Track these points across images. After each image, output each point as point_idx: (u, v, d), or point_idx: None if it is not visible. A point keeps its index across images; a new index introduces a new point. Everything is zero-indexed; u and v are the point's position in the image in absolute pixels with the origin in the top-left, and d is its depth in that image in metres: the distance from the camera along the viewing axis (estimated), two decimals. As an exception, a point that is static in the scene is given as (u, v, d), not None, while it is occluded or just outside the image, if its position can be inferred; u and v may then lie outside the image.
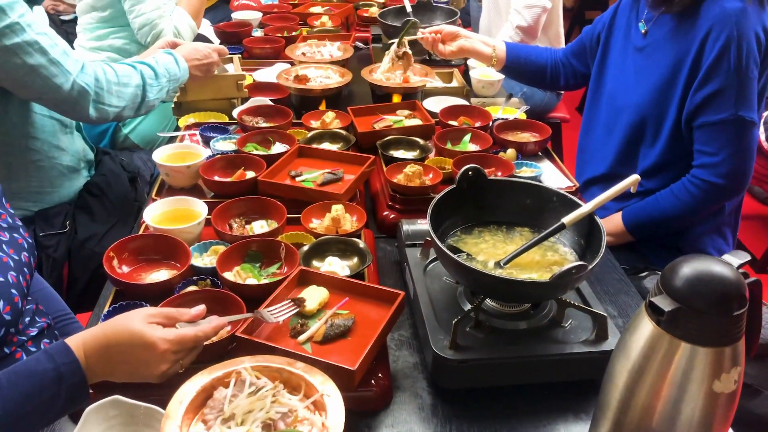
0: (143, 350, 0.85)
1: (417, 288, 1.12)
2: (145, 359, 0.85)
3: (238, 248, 1.16)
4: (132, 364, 0.86)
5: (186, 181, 1.43)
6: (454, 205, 1.14)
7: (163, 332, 0.86)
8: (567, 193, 1.13)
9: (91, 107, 1.47)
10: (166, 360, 0.86)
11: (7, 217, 1.11)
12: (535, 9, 2.57)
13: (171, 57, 1.67)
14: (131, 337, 0.85)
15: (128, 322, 0.86)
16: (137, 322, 0.86)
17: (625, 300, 1.24)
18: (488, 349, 0.99)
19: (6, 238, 1.06)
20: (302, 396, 0.81)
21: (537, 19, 2.59)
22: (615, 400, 0.82)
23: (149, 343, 0.84)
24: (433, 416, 0.97)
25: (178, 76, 1.67)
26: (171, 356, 0.86)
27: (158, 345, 0.85)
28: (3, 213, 1.10)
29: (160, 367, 0.86)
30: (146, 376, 0.87)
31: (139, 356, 0.85)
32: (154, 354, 0.85)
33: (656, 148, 1.60)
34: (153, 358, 0.85)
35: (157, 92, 1.61)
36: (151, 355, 0.85)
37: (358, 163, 1.46)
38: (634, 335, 0.79)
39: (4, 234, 1.07)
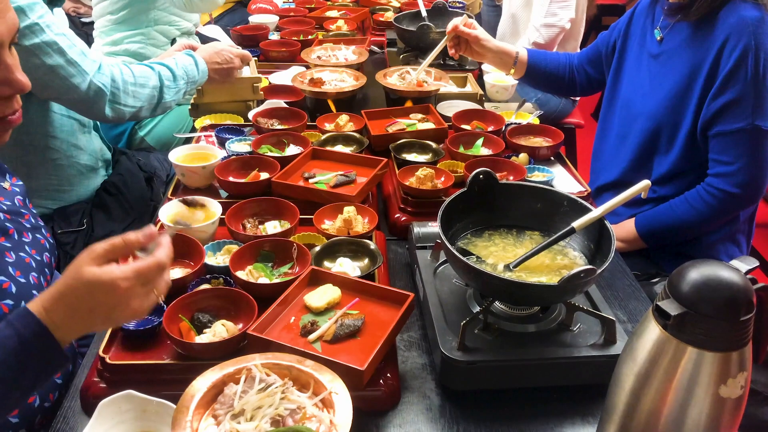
0: (105, 295, 0.80)
1: (427, 290, 1.13)
2: (112, 303, 0.80)
3: (251, 248, 1.18)
4: (101, 311, 0.81)
5: (201, 182, 1.45)
6: (465, 208, 1.15)
7: (120, 270, 0.81)
8: (577, 198, 1.14)
9: (107, 107, 1.50)
10: (134, 295, 0.81)
11: (30, 217, 1.13)
12: (553, 29, 2.58)
13: (191, 59, 1.69)
14: (88, 285, 0.79)
15: (78, 271, 0.80)
16: (87, 269, 0.80)
17: (635, 305, 1.24)
18: (496, 351, 1.00)
19: (29, 239, 1.09)
20: (311, 393, 0.82)
21: (554, 38, 2.61)
22: (621, 403, 0.82)
23: (108, 286, 0.79)
24: (441, 417, 0.98)
25: (196, 78, 1.69)
26: (138, 290, 0.82)
27: (118, 285, 0.80)
28: (27, 213, 1.12)
29: (131, 305, 0.81)
30: (122, 317, 0.83)
31: (103, 301, 0.80)
32: (118, 295, 0.80)
33: (671, 156, 1.59)
34: (119, 300, 0.80)
35: (174, 94, 1.64)
36: (115, 297, 0.80)
37: (370, 165, 1.47)
38: (641, 339, 0.79)
39: (27, 235, 1.09)
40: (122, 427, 0.90)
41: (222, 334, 0.99)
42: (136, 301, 0.82)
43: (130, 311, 0.82)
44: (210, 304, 1.05)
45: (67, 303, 0.80)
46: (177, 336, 0.97)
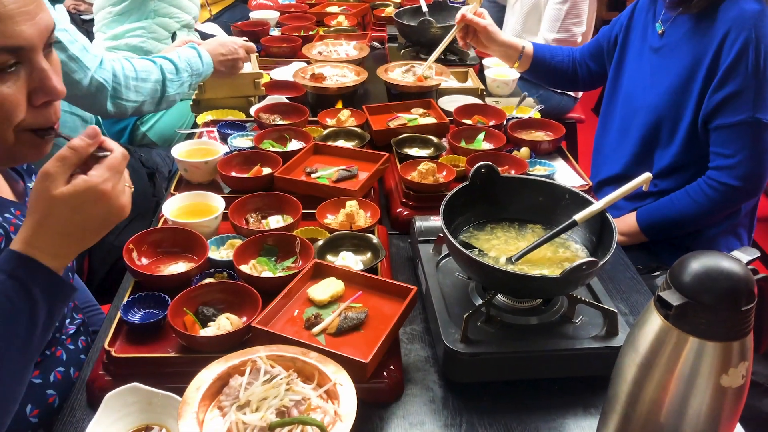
0: (94, 204, 0.77)
1: (429, 283, 1.13)
2: (104, 210, 0.78)
3: (254, 242, 1.18)
4: (94, 222, 0.79)
5: (204, 177, 1.46)
6: (467, 201, 1.16)
7: (97, 175, 0.78)
8: (579, 191, 1.14)
9: (108, 102, 1.50)
10: (119, 192, 0.80)
11: None
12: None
13: (194, 51, 1.69)
14: (70, 204, 0.76)
15: (48, 197, 0.76)
16: (58, 192, 0.76)
17: (636, 298, 1.24)
18: (499, 343, 1.01)
19: None
20: (315, 385, 0.83)
21: None
22: (623, 393, 0.83)
23: (94, 195, 0.77)
24: (444, 408, 0.99)
25: (201, 70, 1.69)
26: (120, 186, 0.80)
27: (104, 189, 0.77)
28: None
29: (121, 203, 0.80)
30: (116, 219, 0.81)
31: (95, 212, 0.78)
32: (107, 198, 0.78)
33: (672, 150, 1.60)
34: (110, 203, 0.78)
35: (177, 87, 1.64)
36: (105, 202, 0.78)
37: (372, 160, 1.47)
38: (643, 330, 0.80)
39: None
40: (128, 420, 0.91)
41: (226, 327, 0.99)
42: (123, 198, 0.80)
43: (120, 207, 0.80)
44: (214, 297, 1.06)
45: (53, 230, 0.77)
46: (182, 329, 0.98)
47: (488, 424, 0.96)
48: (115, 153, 0.81)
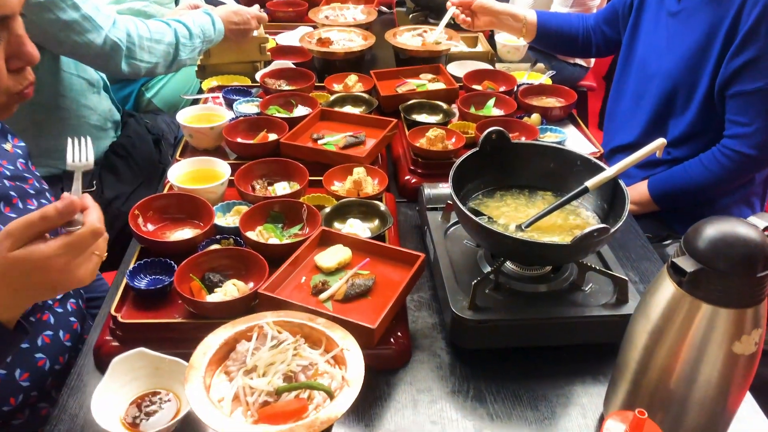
0: (41, 274, 0.75)
1: (437, 251, 1.12)
2: (51, 280, 0.76)
3: (260, 209, 1.17)
4: (43, 287, 0.77)
5: (209, 143, 1.44)
6: (477, 168, 1.14)
7: (49, 247, 0.75)
8: (591, 157, 1.12)
9: (123, 62, 1.50)
10: (75, 267, 0.76)
11: (34, 181, 1.10)
12: None
13: (208, 18, 1.67)
14: (19, 268, 0.74)
15: (8, 255, 0.73)
16: (9, 255, 0.73)
17: (647, 266, 1.23)
18: (507, 310, 1.00)
19: (34, 206, 1.07)
20: (323, 350, 0.83)
21: None
22: (633, 361, 0.82)
23: (40, 265, 0.74)
24: (451, 375, 0.99)
25: (212, 37, 1.68)
26: (79, 260, 0.76)
27: (52, 263, 0.74)
28: (30, 177, 1.10)
29: (76, 275, 0.77)
30: (70, 286, 0.78)
31: (41, 280, 0.76)
32: (56, 271, 0.75)
33: (686, 117, 1.57)
34: (59, 275, 0.75)
35: (189, 52, 1.63)
36: (53, 274, 0.75)
37: (380, 126, 1.45)
38: (655, 297, 0.78)
39: (32, 201, 1.07)
40: (135, 384, 0.91)
41: (233, 293, 0.99)
42: (79, 271, 0.77)
43: (76, 280, 0.77)
44: (220, 264, 1.05)
45: (2, 286, 0.75)
46: (188, 295, 0.97)
47: (495, 391, 0.96)
48: (82, 230, 0.77)
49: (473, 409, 0.93)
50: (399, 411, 0.93)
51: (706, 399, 0.78)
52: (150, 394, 0.91)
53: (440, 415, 0.92)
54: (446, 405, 0.94)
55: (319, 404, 0.76)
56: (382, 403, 0.94)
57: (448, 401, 0.94)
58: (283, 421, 0.73)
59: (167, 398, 0.90)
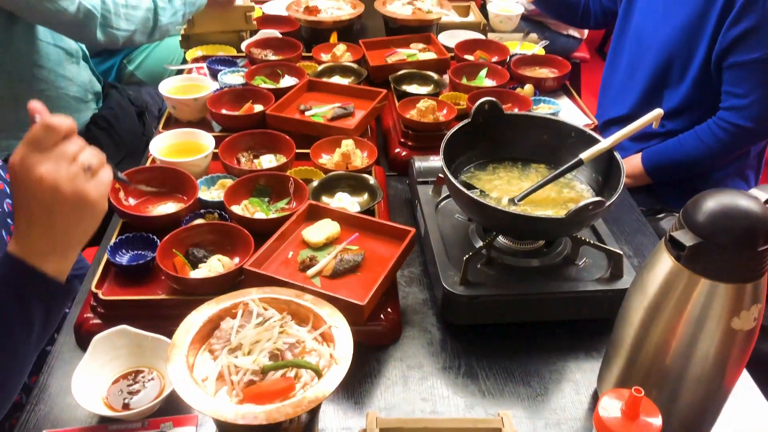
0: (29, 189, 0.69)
1: (428, 225, 1.09)
2: (46, 196, 0.69)
3: (246, 182, 1.14)
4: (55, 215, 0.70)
5: (193, 114, 1.40)
6: (469, 140, 1.11)
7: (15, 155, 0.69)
8: (585, 129, 1.09)
9: (98, 31, 1.44)
10: (60, 179, 0.69)
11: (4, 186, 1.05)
12: None
13: None
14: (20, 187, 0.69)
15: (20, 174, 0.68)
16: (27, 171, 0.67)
17: (641, 240, 1.21)
18: (499, 285, 0.98)
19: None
20: (310, 327, 0.80)
21: None
22: (629, 337, 0.80)
23: (21, 177, 0.68)
24: (442, 351, 0.97)
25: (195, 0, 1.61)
26: (59, 166, 0.69)
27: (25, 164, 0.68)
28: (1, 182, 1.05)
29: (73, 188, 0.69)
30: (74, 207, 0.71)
31: (39, 200, 0.69)
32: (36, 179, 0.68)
33: (682, 89, 1.54)
34: (48, 187, 0.68)
35: (170, 16, 1.56)
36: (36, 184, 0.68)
37: (369, 97, 1.41)
38: (652, 271, 0.76)
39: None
40: (117, 363, 0.88)
41: (218, 269, 0.96)
42: (60, 180, 0.68)
43: (70, 197, 0.69)
44: (205, 239, 1.02)
45: (29, 222, 0.70)
46: (171, 271, 0.94)
47: (487, 367, 0.94)
48: (34, 126, 0.71)
49: (464, 385, 0.92)
50: (389, 388, 0.91)
51: (702, 375, 0.76)
52: (133, 373, 0.88)
53: (431, 391, 0.90)
54: (437, 381, 0.92)
55: (306, 383, 0.74)
56: (371, 380, 0.92)
57: (439, 378, 0.93)
58: (269, 401, 0.71)
59: (150, 377, 0.88)
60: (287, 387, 0.72)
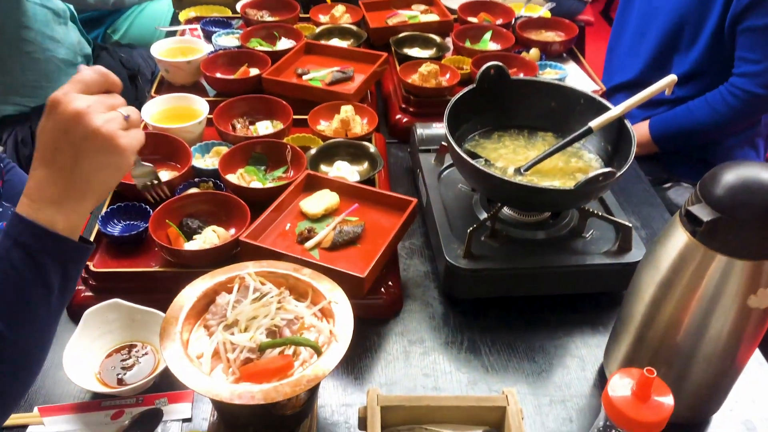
0: (60, 123, 0.65)
1: (430, 195, 1.06)
2: (75, 130, 0.65)
3: (241, 149, 1.10)
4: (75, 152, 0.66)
5: (186, 78, 1.35)
6: (473, 106, 1.06)
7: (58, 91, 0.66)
8: (595, 96, 1.05)
9: None
10: (91, 111, 0.66)
11: None
12: None
13: None
14: (44, 134, 0.66)
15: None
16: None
17: (648, 211, 1.18)
18: (504, 259, 0.95)
19: None
20: (309, 303, 0.77)
21: None
22: (639, 313, 0.77)
23: (57, 113, 0.65)
24: (444, 325, 0.94)
25: None
26: (94, 106, 0.66)
27: (60, 100, 0.65)
28: None
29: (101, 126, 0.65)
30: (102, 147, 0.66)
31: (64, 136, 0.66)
32: (70, 113, 0.65)
33: (692, 54, 1.49)
34: (78, 121, 0.65)
35: None
36: (69, 119, 0.65)
37: (369, 61, 1.36)
38: (665, 247, 0.73)
39: None
40: (110, 337, 0.86)
41: (213, 240, 0.93)
42: (97, 118, 0.65)
43: (101, 137, 0.66)
44: (199, 209, 0.98)
45: (42, 173, 0.66)
46: (165, 243, 0.91)
47: (491, 342, 0.92)
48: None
49: (467, 360, 0.89)
50: (390, 363, 0.89)
51: (714, 354, 0.74)
52: (126, 347, 0.86)
53: (433, 367, 0.88)
54: (439, 357, 0.90)
55: (305, 360, 0.71)
56: (372, 355, 0.90)
57: (441, 353, 0.90)
58: (266, 380, 0.68)
59: (144, 351, 0.86)
60: (285, 365, 0.69)
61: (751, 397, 0.86)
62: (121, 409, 0.80)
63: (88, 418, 0.79)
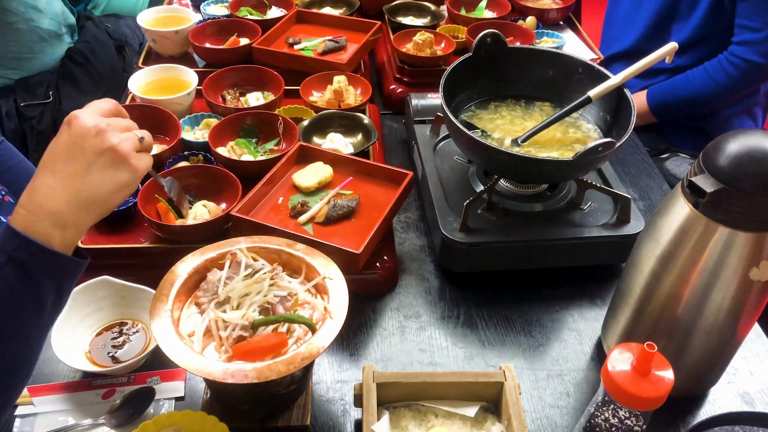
0: (72, 138, 0.65)
1: (426, 167, 1.04)
2: (85, 144, 0.65)
3: (231, 122, 1.07)
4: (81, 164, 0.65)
5: (175, 48, 1.31)
6: (470, 76, 1.04)
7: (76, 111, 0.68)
8: (594, 64, 1.02)
9: None
10: (108, 130, 0.66)
11: None
12: None
13: None
14: (54, 148, 0.66)
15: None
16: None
17: (646, 182, 1.16)
18: (500, 232, 0.93)
19: None
20: (303, 279, 0.76)
21: None
22: (638, 286, 0.76)
23: (71, 128, 0.66)
24: (441, 300, 0.93)
25: None
26: (110, 126, 0.67)
27: (77, 117, 0.66)
28: None
29: (113, 143, 0.66)
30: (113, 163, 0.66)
31: (72, 149, 0.65)
32: (84, 130, 0.65)
33: (691, 22, 1.46)
34: (89, 135, 0.65)
35: None
36: (83, 134, 0.65)
37: (362, 30, 1.33)
38: (666, 218, 0.72)
39: None
40: (99, 315, 0.84)
41: (203, 215, 0.90)
42: (114, 137, 0.66)
43: (116, 154, 0.66)
44: (189, 183, 0.96)
45: (47, 182, 0.65)
46: (154, 218, 0.89)
47: (487, 316, 0.91)
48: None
49: (464, 335, 0.88)
50: (386, 338, 0.88)
51: (714, 326, 0.73)
52: (117, 325, 0.84)
53: (429, 342, 0.87)
54: (435, 332, 0.89)
55: (299, 338, 0.70)
56: (367, 330, 0.89)
57: (437, 327, 0.89)
58: (260, 358, 0.67)
59: (135, 329, 0.84)
60: (279, 342, 0.68)
61: (749, 369, 0.85)
62: (112, 388, 0.79)
63: (79, 397, 0.78)
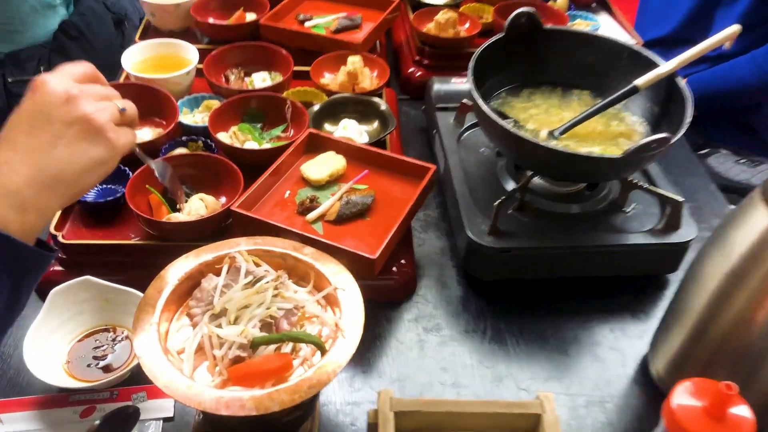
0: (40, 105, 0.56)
1: (449, 160, 0.93)
2: (54, 113, 0.56)
3: (235, 104, 0.97)
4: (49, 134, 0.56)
5: (175, 23, 1.22)
6: (501, 59, 0.93)
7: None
8: (643, 49, 0.91)
9: None
10: (82, 96, 0.57)
11: None
12: None
13: None
14: (20, 115, 0.57)
15: None
16: None
17: (691, 182, 1.05)
18: (535, 236, 0.83)
19: None
20: (311, 288, 0.66)
21: None
22: (699, 305, 0.66)
23: (37, 93, 0.56)
24: (464, 311, 0.83)
25: None
26: (84, 92, 0.58)
27: (44, 82, 0.56)
28: None
29: (86, 111, 0.56)
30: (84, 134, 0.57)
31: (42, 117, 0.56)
32: (54, 96, 0.56)
33: (738, 7, 1.35)
34: (59, 103, 0.56)
35: None
36: (52, 101, 0.56)
37: (379, 7, 1.24)
38: (739, 229, 0.61)
39: None
40: (80, 320, 0.75)
41: (200, 210, 0.81)
42: (88, 105, 0.57)
43: (89, 124, 0.57)
44: (185, 173, 0.86)
45: (5, 156, 0.55)
46: (144, 211, 0.79)
47: (518, 331, 0.81)
48: None
49: (491, 352, 0.78)
50: (402, 354, 0.78)
51: (791, 358, 0.63)
52: (99, 332, 0.75)
53: (452, 359, 0.77)
54: (459, 348, 0.79)
55: (306, 359, 0.60)
56: (381, 343, 0.79)
57: (460, 343, 0.79)
58: (259, 383, 0.57)
59: (120, 337, 0.74)
60: (282, 366, 0.58)
61: (815, 400, 0.75)
62: (92, 405, 0.69)
63: (54, 415, 0.68)
